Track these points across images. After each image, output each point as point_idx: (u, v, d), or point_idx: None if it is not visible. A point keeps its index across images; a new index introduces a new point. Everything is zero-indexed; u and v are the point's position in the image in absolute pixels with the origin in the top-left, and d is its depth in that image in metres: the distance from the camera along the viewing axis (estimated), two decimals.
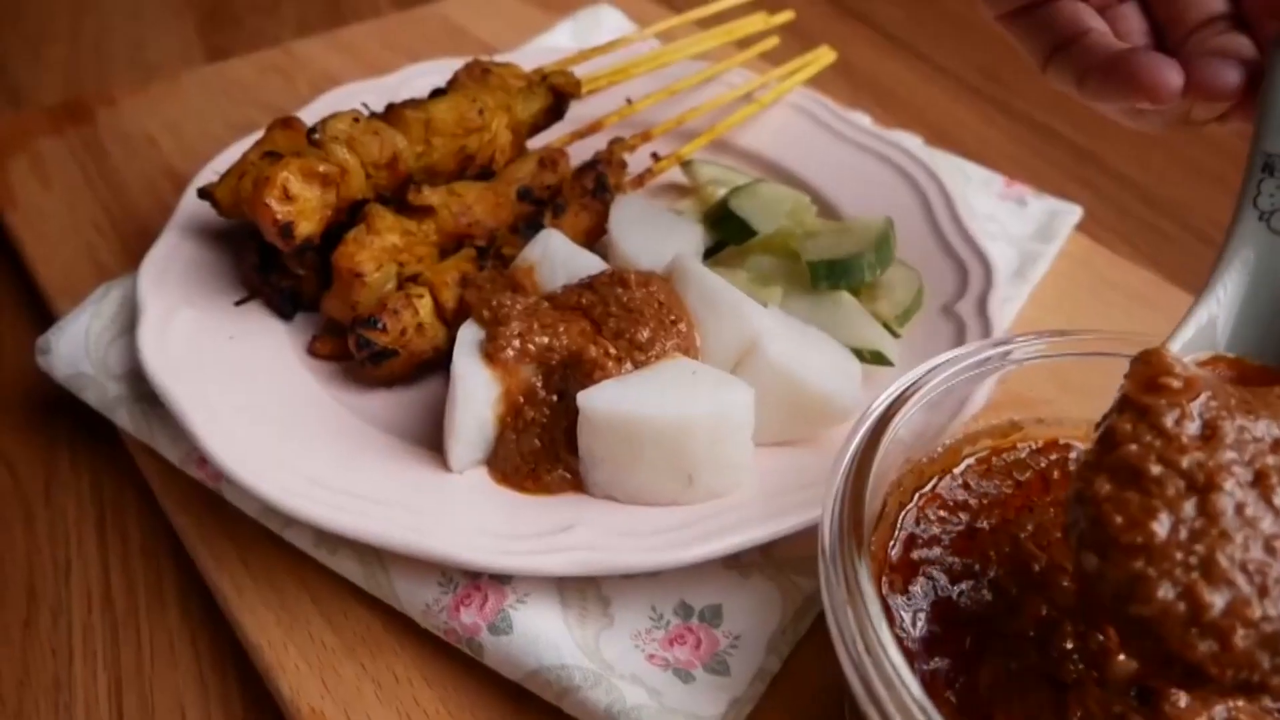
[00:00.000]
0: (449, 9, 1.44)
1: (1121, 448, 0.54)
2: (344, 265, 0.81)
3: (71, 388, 0.85)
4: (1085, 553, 0.53)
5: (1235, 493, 0.52)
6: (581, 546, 0.67)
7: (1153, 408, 0.55)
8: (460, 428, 0.72)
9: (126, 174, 1.12)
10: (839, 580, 0.56)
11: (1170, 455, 0.53)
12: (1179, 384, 0.55)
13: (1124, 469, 0.54)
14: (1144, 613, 0.51)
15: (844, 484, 0.61)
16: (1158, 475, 0.53)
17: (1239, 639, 0.49)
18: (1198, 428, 0.54)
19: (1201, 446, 0.53)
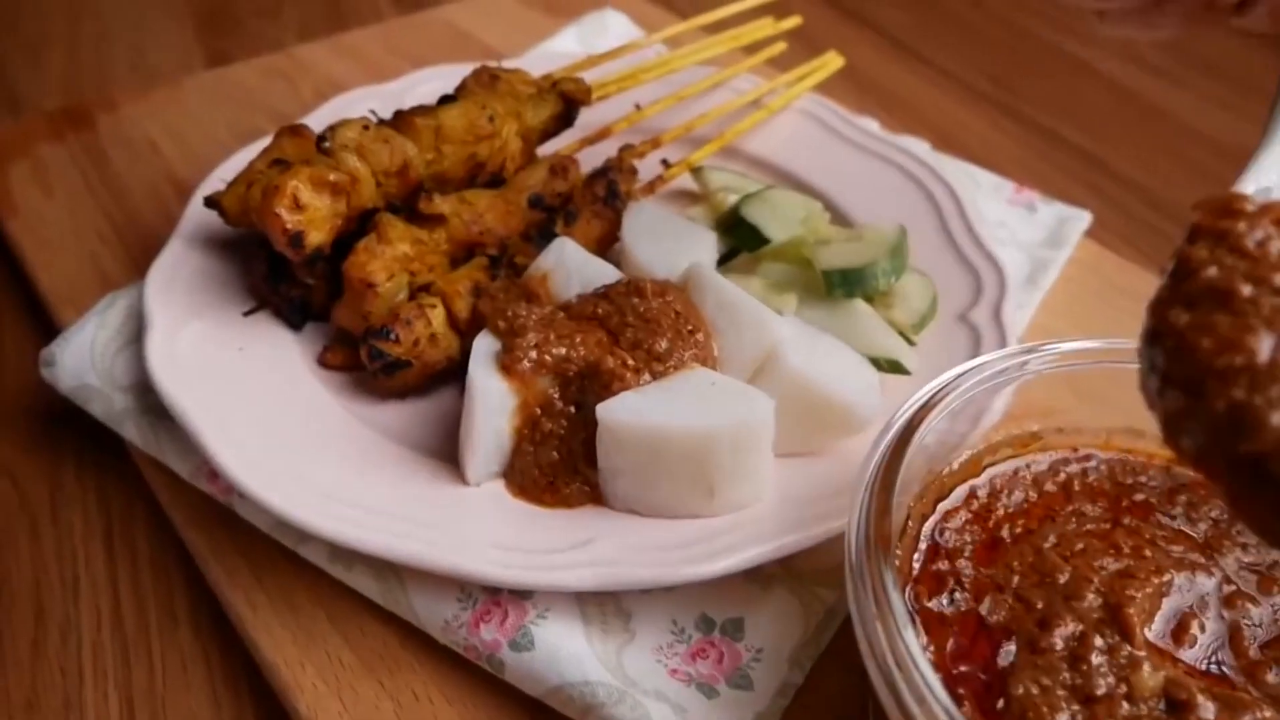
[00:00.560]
0: (452, 13, 1.43)
1: (1200, 273, 0.48)
2: (355, 275, 0.80)
3: (77, 400, 0.84)
4: (1170, 392, 0.47)
5: None
6: (603, 561, 0.66)
7: (1231, 230, 0.50)
8: (477, 440, 0.71)
9: (129, 180, 1.11)
10: (867, 593, 0.56)
11: (1261, 273, 0.48)
12: (1254, 208, 0.51)
13: (1207, 294, 0.48)
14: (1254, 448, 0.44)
15: (868, 496, 0.60)
16: (1250, 295, 0.47)
17: None
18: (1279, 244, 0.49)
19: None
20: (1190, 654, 0.61)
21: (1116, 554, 0.66)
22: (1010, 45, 1.53)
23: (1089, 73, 1.48)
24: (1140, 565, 0.65)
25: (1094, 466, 0.72)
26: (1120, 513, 0.69)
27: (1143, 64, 1.51)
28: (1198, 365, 0.46)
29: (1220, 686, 0.59)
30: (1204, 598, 0.64)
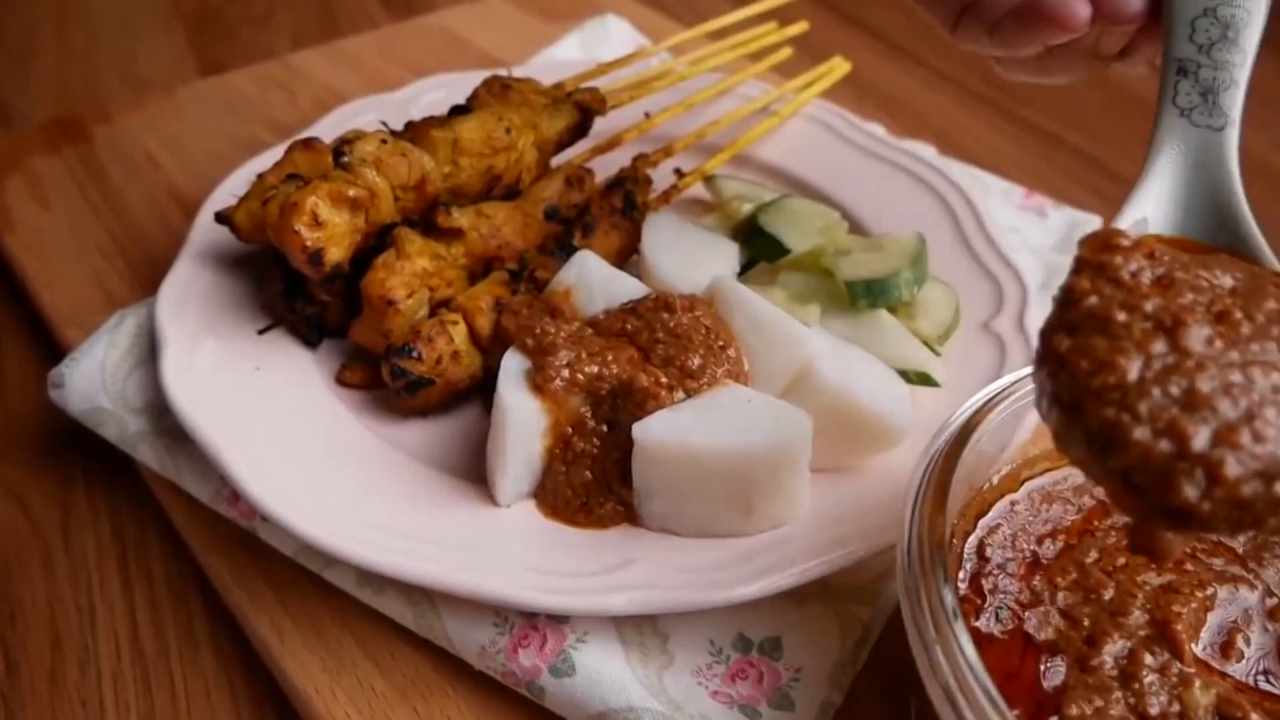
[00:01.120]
0: (449, 19, 1.41)
1: (1082, 302, 0.53)
2: (375, 292, 0.79)
3: (88, 423, 0.82)
4: (1054, 411, 0.51)
5: (1203, 329, 0.51)
6: (642, 584, 0.65)
7: (1109, 263, 0.54)
8: (508, 461, 0.70)
9: (129, 194, 1.08)
10: (925, 616, 0.55)
11: (1133, 301, 0.52)
12: (1129, 242, 0.55)
13: (1086, 321, 0.52)
14: (1123, 463, 0.48)
15: (919, 517, 0.59)
16: (1124, 320, 0.52)
17: (1230, 468, 0.47)
18: (1153, 277, 0.54)
19: (1161, 293, 0.53)
20: (1237, 669, 0.61)
21: (1157, 569, 0.65)
22: None
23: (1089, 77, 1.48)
24: (1183, 579, 0.64)
25: None
26: None
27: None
28: (1076, 385, 0.50)
29: (1270, 702, 0.59)
30: (1248, 611, 0.64)
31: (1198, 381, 0.49)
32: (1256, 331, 0.52)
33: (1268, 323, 0.53)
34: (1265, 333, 0.52)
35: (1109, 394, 0.49)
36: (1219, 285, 0.55)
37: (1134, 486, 0.49)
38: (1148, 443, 0.48)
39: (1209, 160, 0.64)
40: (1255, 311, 0.53)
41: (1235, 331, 0.52)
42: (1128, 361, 0.50)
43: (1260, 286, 0.55)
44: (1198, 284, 0.54)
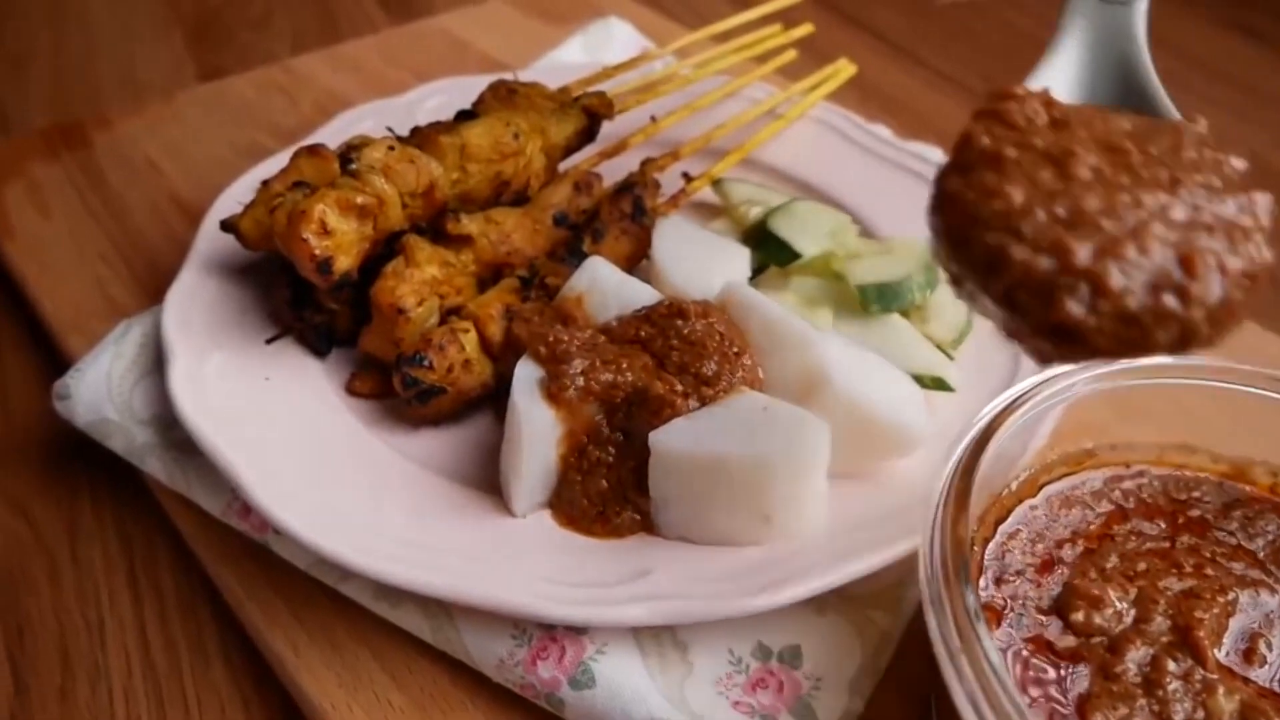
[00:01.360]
0: (450, 23, 1.40)
1: (974, 143, 0.53)
2: (385, 301, 0.78)
3: (94, 434, 0.81)
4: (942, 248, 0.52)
5: (1093, 159, 0.52)
6: (662, 594, 0.64)
7: (1004, 109, 0.55)
8: (524, 471, 0.69)
9: (129, 200, 1.07)
10: (951, 628, 0.54)
11: (1027, 140, 0.53)
12: (1025, 91, 0.56)
13: (979, 160, 0.53)
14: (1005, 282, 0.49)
15: (941, 527, 0.59)
16: (1014, 156, 0.52)
17: (1114, 279, 0.48)
18: (1048, 119, 0.55)
19: (1055, 132, 0.54)
20: (1260, 675, 0.61)
21: (1179, 573, 0.65)
22: (1008, 48, 1.53)
23: None
24: (1204, 585, 0.64)
25: (1147, 483, 0.71)
26: (1177, 530, 0.69)
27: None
28: (965, 216, 0.51)
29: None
30: (1269, 616, 0.64)
31: (1083, 202, 0.50)
32: (1149, 161, 0.53)
33: (1162, 155, 0.53)
34: (1158, 162, 0.52)
35: (995, 220, 0.50)
36: (1114, 126, 0.55)
37: (1019, 307, 0.49)
38: (1028, 259, 0.49)
39: (1117, 35, 0.64)
40: (1149, 146, 0.54)
41: (1126, 160, 0.52)
42: (1013, 188, 0.51)
43: (1158, 129, 0.56)
44: (1090, 123, 0.55)
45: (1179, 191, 0.51)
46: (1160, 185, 0.51)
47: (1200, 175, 0.53)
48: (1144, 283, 0.49)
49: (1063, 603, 0.63)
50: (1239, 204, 0.52)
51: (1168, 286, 0.49)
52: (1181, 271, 0.49)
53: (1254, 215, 0.52)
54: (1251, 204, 0.52)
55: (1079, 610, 0.62)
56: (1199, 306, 0.49)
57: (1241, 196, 0.52)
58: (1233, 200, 0.52)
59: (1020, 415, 0.65)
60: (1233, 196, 0.52)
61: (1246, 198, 0.53)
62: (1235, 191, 0.53)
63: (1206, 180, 0.52)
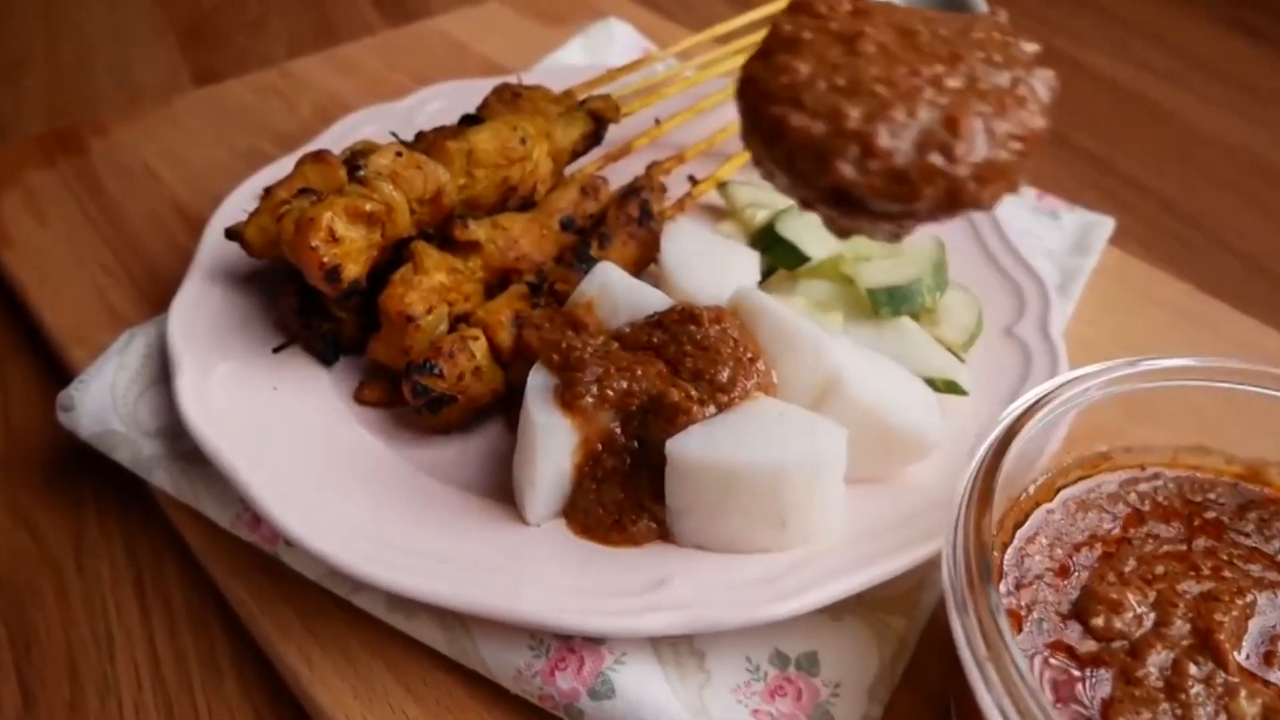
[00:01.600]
0: (447, 24, 1.40)
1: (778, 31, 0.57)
2: (393, 308, 0.77)
3: (100, 446, 0.80)
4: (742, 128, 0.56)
5: (882, 37, 0.56)
6: (681, 603, 0.64)
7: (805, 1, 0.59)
8: (539, 480, 0.69)
9: (128, 208, 1.06)
10: (977, 636, 0.54)
11: (824, 25, 0.57)
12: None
13: (779, 45, 0.57)
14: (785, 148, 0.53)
15: (963, 532, 0.59)
16: (809, 39, 0.56)
17: (882, 139, 0.51)
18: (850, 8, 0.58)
19: (852, 17, 0.57)
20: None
21: (1197, 576, 0.65)
22: None
23: (1088, 74, 1.49)
24: (1222, 587, 0.64)
25: (1163, 485, 0.71)
26: (1194, 532, 0.69)
27: (1142, 65, 1.52)
28: (757, 94, 0.56)
29: None
30: None
31: (862, 73, 0.53)
32: (935, 40, 0.56)
33: (950, 35, 0.57)
34: (944, 41, 0.56)
35: (780, 93, 0.54)
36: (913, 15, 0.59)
37: (800, 174, 0.54)
38: (804, 125, 0.53)
39: None
40: (940, 28, 0.57)
41: (914, 40, 0.56)
42: (801, 64, 0.55)
43: (956, 17, 0.59)
44: (893, 13, 0.58)
45: (958, 65, 0.55)
46: (940, 59, 0.55)
47: (983, 52, 0.56)
48: (912, 141, 0.52)
49: (1082, 607, 0.63)
50: (1016, 76, 0.55)
51: (934, 145, 0.52)
52: (947, 131, 0.52)
53: (1030, 88, 0.55)
54: (1029, 77, 0.56)
55: (1099, 615, 0.62)
56: (964, 164, 0.52)
57: (1020, 70, 0.56)
58: (1009, 73, 0.55)
59: (1040, 418, 0.65)
60: (1010, 70, 0.56)
61: (1025, 72, 0.56)
62: (1016, 67, 0.56)
63: (988, 56, 0.56)
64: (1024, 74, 0.56)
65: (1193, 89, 1.46)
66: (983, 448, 0.63)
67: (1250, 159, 1.30)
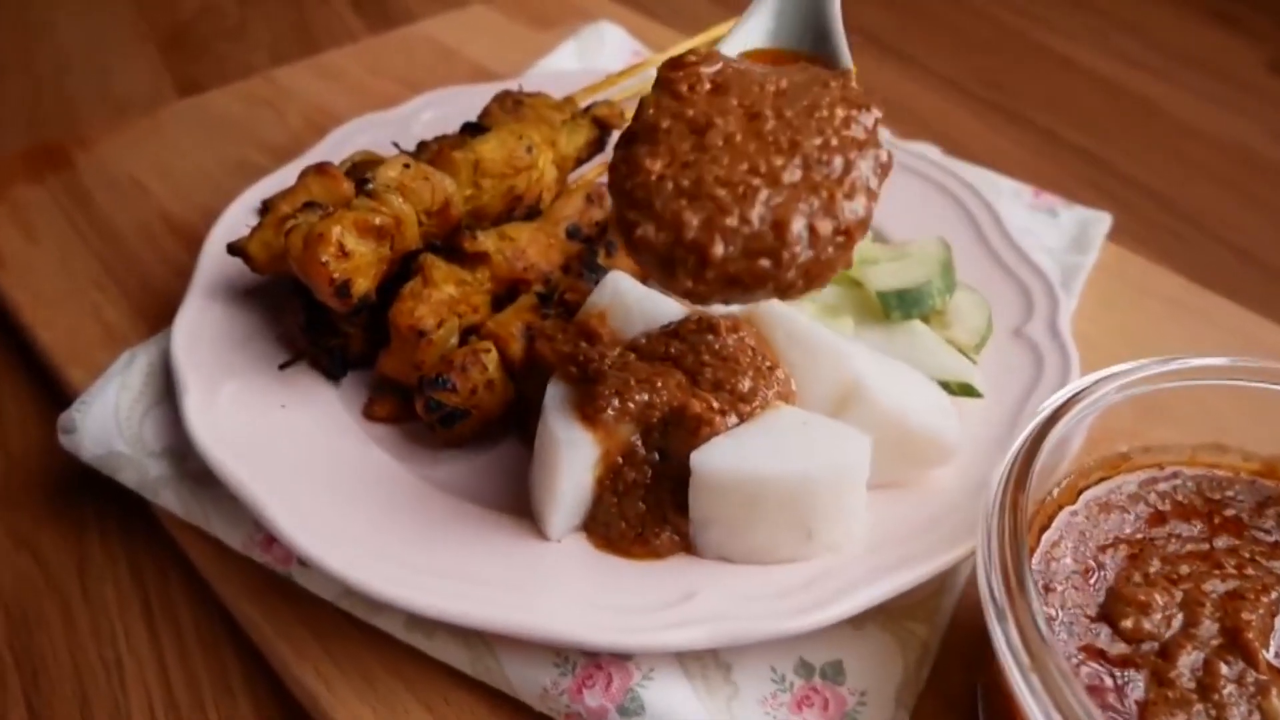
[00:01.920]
0: (434, 29, 1.38)
1: (641, 115, 0.61)
2: (404, 323, 0.76)
3: (103, 469, 0.78)
4: (612, 212, 0.62)
5: (730, 126, 0.59)
6: (710, 617, 0.63)
7: (672, 78, 0.62)
8: (560, 495, 0.68)
9: (119, 222, 1.04)
10: (1019, 644, 0.54)
11: (682, 111, 0.60)
12: (696, 57, 0.63)
13: (640, 132, 0.60)
14: (642, 257, 0.58)
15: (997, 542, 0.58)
16: (667, 127, 0.60)
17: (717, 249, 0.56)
18: (709, 86, 0.62)
19: (710, 99, 0.61)
20: None
21: (1222, 574, 0.65)
22: (996, 43, 1.54)
23: (1077, 69, 1.49)
24: (1247, 585, 0.64)
25: (1181, 484, 0.71)
26: (1214, 530, 0.69)
27: (1128, 59, 1.53)
28: (617, 188, 0.60)
29: None
30: None
31: (705, 173, 0.57)
32: (780, 125, 0.60)
33: (795, 116, 0.60)
34: (788, 125, 0.60)
35: (637, 193, 0.58)
36: (769, 90, 0.62)
37: (651, 273, 0.59)
38: (650, 237, 0.57)
39: None
40: (787, 109, 0.61)
41: (760, 127, 0.59)
42: (653, 163, 0.58)
43: (808, 87, 0.62)
44: (749, 88, 0.61)
45: (795, 154, 0.58)
46: (780, 149, 0.58)
47: (820, 138, 0.60)
48: (742, 249, 0.56)
49: (1110, 609, 0.63)
50: (848, 161, 0.59)
51: (763, 251, 0.57)
52: (775, 237, 0.57)
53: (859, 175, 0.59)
54: (861, 159, 0.60)
55: (1128, 617, 0.62)
56: (790, 267, 0.58)
57: (854, 153, 0.60)
58: (842, 158, 0.59)
59: (1068, 420, 0.65)
60: (845, 154, 0.59)
61: (859, 153, 0.60)
62: (851, 149, 0.60)
63: (825, 141, 0.60)
64: (857, 156, 0.60)
65: (1177, 82, 1.47)
66: (1009, 454, 0.63)
67: (1237, 150, 1.32)
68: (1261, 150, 1.35)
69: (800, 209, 0.57)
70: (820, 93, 0.62)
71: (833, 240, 0.58)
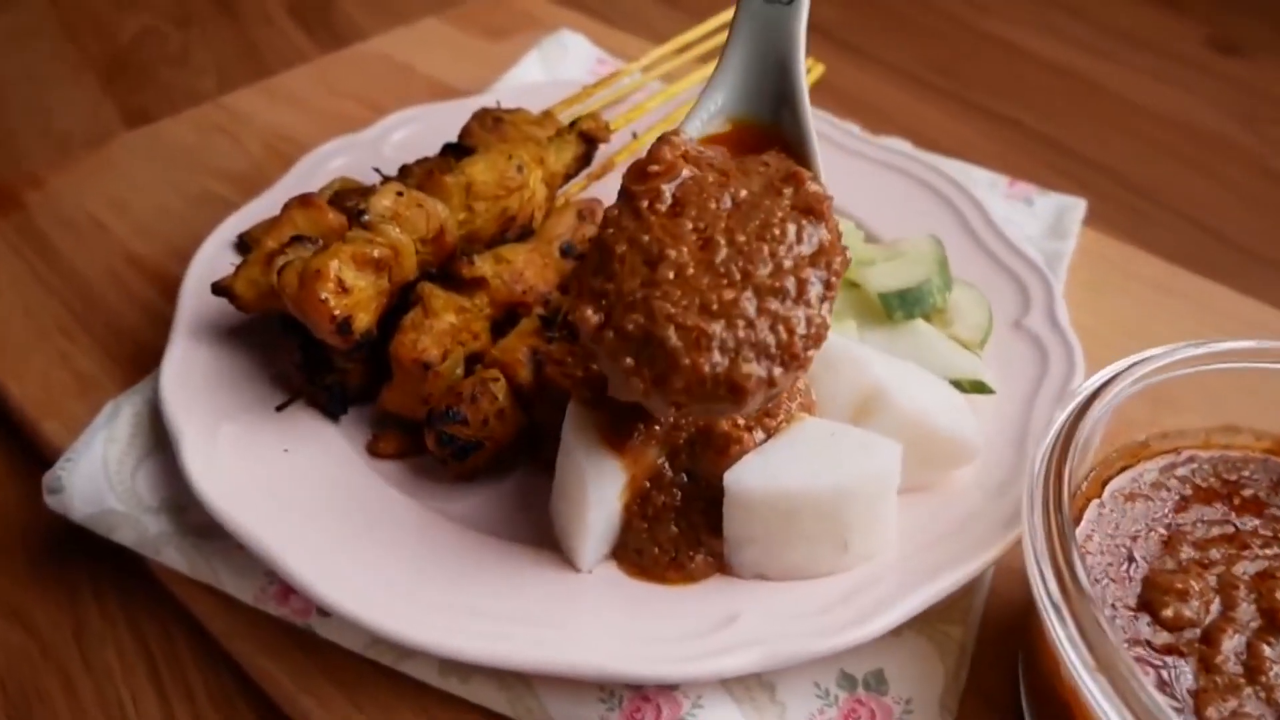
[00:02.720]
0: (387, 46, 1.35)
1: (601, 234, 0.63)
2: (407, 356, 0.74)
3: (97, 528, 0.75)
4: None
5: (683, 258, 0.61)
6: (756, 639, 0.62)
7: (634, 192, 0.64)
8: (590, 524, 0.66)
9: (80, 264, 0.99)
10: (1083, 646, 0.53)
11: (637, 235, 0.62)
12: (660, 167, 0.64)
13: (599, 253, 0.63)
14: (602, 395, 0.63)
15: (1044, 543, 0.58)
16: (621, 254, 0.62)
17: (667, 413, 0.62)
18: (669, 204, 0.63)
19: (667, 223, 0.62)
20: None
21: (1250, 555, 0.66)
22: (945, 33, 1.55)
23: (1025, 55, 1.51)
24: (1276, 564, 0.65)
25: (1199, 467, 0.72)
26: (1236, 511, 0.70)
27: (1073, 42, 1.55)
28: (574, 329, 0.63)
29: None
30: None
31: (657, 313, 0.59)
32: (734, 253, 0.61)
33: (748, 239, 0.62)
34: (740, 253, 0.61)
35: (585, 335, 0.61)
36: (724, 206, 0.62)
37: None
38: (620, 383, 0.60)
39: (779, 37, 0.70)
40: (739, 232, 0.62)
41: (713, 255, 0.61)
42: (593, 313, 0.61)
43: (761, 199, 0.64)
44: (705, 205, 0.63)
45: (747, 287, 0.60)
46: (733, 283, 0.60)
47: (770, 265, 0.61)
48: (699, 408, 0.59)
49: (1149, 598, 0.64)
50: (798, 283, 0.61)
51: (718, 407, 0.59)
52: (730, 398, 0.59)
53: (806, 304, 0.61)
54: (811, 279, 0.62)
55: (1167, 605, 0.63)
56: (742, 418, 0.65)
57: (806, 271, 0.62)
58: (794, 279, 0.61)
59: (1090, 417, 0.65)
60: (796, 275, 0.61)
61: (812, 269, 0.62)
62: (803, 268, 0.62)
63: (778, 263, 0.61)
64: (809, 274, 0.61)
65: (1123, 62, 1.50)
66: (1040, 452, 0.63)
67: (1186, 126, 1.35)
68: (1208, 124, 1.38)
69: (751, 360, 0.59)
70: (772, 206, 0.63)
71: (781, 381, 0.60)
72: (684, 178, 0.64)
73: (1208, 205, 1.26)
